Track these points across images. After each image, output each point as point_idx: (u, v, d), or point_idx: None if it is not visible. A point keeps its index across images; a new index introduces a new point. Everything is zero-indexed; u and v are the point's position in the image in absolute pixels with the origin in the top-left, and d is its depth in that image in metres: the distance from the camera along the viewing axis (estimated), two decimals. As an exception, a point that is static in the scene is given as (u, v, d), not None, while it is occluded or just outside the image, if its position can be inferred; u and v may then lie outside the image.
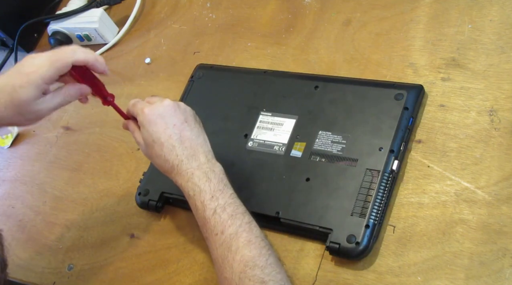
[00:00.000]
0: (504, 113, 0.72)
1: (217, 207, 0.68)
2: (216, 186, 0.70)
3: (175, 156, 0.71)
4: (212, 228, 0.68)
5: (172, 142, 0.72)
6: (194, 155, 0.72)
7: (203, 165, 0.71)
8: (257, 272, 0.64)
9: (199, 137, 0.73)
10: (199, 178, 0.70)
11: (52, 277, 0.87)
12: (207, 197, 0.69)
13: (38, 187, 0.98)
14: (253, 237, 0.66)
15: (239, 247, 0.65)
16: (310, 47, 0.90)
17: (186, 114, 0.74)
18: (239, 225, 0.67)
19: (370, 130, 0.75)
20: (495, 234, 0.66)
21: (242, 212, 0.69)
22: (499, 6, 0.80)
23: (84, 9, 1.08)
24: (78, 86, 0.73)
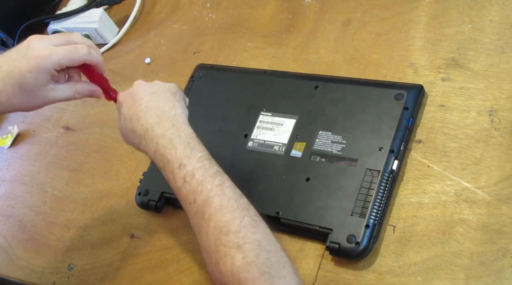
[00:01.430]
0: (504, 113, 0.72)
1: (186, 175, 0.66)
2: (182, 152, 0.67)
3: (141, 125, 0.70)
4: (185, 198, 0.66)
5: (137, 113, 0.71)
6: (159, 122, 0.70)
7: (167, 131, 0.69)
8: (232, 237, 0.62)
9: (167, 103, 0.72)
10: (164, 147, 0.68)
11: (52, 277, 0.87)
12: (175, 167, 0.67)
13: (38, 187, 0.98)
14: (225, 200, 0.64)
15: (212, 214, 0.63)
16: (310, 47, 0.90)
17: (156, 87, 0.74)
18: (209, 189, 0.65)
19: (370, 130, 0.75)
20: (495, 234, 0.66)
21: (212, 175, 0.66)
22: (499, 6, 0.80)
23: (84, 9, 1.08)
24: (92, 88, 0.74)
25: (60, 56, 0.68)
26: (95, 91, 0.74)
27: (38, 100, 0.70)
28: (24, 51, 0.68)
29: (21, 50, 0.69)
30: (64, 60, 0.69)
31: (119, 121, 0.74)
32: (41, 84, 0.68)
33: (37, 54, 0.67)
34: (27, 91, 0.68)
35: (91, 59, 0.71)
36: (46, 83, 0.69)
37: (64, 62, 0.69)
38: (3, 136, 1.06)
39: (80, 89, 0.73)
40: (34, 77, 0.67)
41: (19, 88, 0.68)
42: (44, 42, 0.69)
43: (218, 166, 0.68)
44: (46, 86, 0.69)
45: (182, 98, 0.75)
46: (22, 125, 1.07)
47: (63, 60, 0.68)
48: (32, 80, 0.67)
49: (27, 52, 0.68)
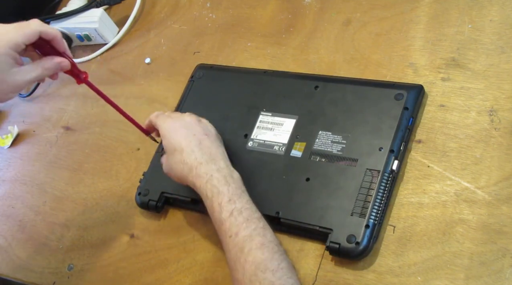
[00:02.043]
0: (504, 113, 0.72)
1: (234, 210, 0.68)
2: (234, 190, 0.70)
3: (194, 159, 0.73)
4: (227, 230, 0.68)
5: (192, 146, 0.74)
6: (213, 160, 0.73)
7: (223, 169, 0.72)
8: (268, 275, 0.63)
9: (218, 148, 0.75)
10: (218, 180, 0.71)
11: (52, 277, 0.87)
12: (225, 199, 0.69)
13: (38, 187, 0.98)
14: (266, 241, 0.66)
15: (252, 249, 0.65)
16: (310, 47, 0.90)
17: (208, 129, 0.78)
18: (253, 228, 0.67)
19: (370, 130, 0.75)
20: (495, 234, 0.66)
21: (258, 217, 0.69)
22: (499, 6, 0.80)
23: (84, 9, 1.08)
24: (58, 60, 0.71)
25: (12, 33, 0.67)
26: (62, 63, 0.71)
27: (5, 86, 0.68)
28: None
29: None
30: (17, 37, 0.67)
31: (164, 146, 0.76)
32: (3, 68, 0.67)
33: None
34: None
35: (46, 30, 0.68)
36: (9, 66, 0.67)
37: (18, 38, 0.67)
38: (3, 136, 1.06)
39: (47, 64, 0.71)
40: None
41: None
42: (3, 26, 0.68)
43: (260, 213, 0.70)
44: (9, 70, 0.67)
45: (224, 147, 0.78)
46: (22, 125, 1.07)
47: (17, 36, 0.67)
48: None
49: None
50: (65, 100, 1.06)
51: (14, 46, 0.67)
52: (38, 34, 0.68)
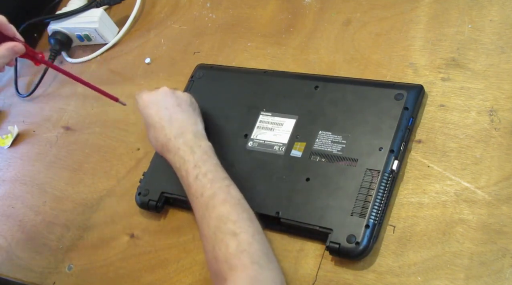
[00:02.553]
0: (504, 113, 0.72)
1: (199, 173, 0.72)
2: (199, 157, 0.74)
3: (164, 136, 0.77)
4: (194, 192, 0.72)
5: (162, 123, 0.77)
6: (182, 134, 0.76)
7: (189, 141, 0.75)
8: (229, 225, 0.67)
9: (190, 118, 0.78)
10: (184, 151, 0.74)
11: (52, 277, 0.87)
12: (190, 166, 0.73)
13: (38, 187, 0.98)
14: (229, 197, 0.70)
15: (215, 205, 0.69)
16: (310, 47, 0.90)
17: (180, 99, 0.80)
18: (218, 187, 0.71)
19: (370, 130, 0.75)
20: (495, 234, 0.66)
21: (222, 178, 0.72)
22: (499, 6, 0.80)
23: (84, 9, 1.08)
24: (10, 44, 0.70)
25: None
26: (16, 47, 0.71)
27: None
28: None
29: None
30: None
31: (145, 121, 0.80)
32: None
33: None
34: None
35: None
36: None
37: None
38: (3, 136, 1.06)
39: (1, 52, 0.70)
40: None
41: None
42: None
43: (227, 174, 0.73)
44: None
45: (199, 113, 0.82)
46: (22, 125, 1.07)
47: None
48: None
49: None
50: (65, 100, 1.06)
51: None
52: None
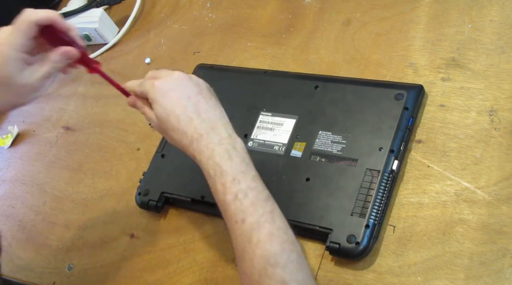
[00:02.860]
0: (504, 113, 0.72)
1: (238, 191, 0.63)
2: (238, 166, 0.64)
3: (194, 129, 0.66)
4: (232, 215, 0.63)
5: (188, 113, 0.67)
6: (214, 128, 0.66)
7: (224, 140, 0.66)
8: (278, 271, 0.59)
9: (216, 109, 0.69)
10: (221, 156, 0.64)
11: (52, 277, 0.87)
12: (228, 179, 0.63)
13: (38, 187, 0.98)
14: (275, 229, 0.62)
15: (260, 241, 0.61)
16: (310, 47, 0.90)
17: (199, 86, 0.70)
18: (261, 214, 0.62)
19: (370, 130, 0.75)
20: (495, 234, 0.66)
21: (264, 198, 0.64)
22: (499, 6, 0.80)
23: (84, 9, 1.08)
24: (63, 49, 0.67)
25: (11, 35, 0.64)
26: (69, 51, 0.67)
27: (21, 90, 0.65)
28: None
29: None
30: (17, 36, 0.64)
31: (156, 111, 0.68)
32: (13, 73, 0.64)
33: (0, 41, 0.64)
34: (5, 84, 0.64)
35: (40, 17, 0.65)
36: (19, 69, 0.64)
37: (18, 38, 0.64)
38: (3, 136, 1.06)
39: (53, 57, 0.66)
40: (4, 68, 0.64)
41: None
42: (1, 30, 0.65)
43: (267, 191, 0.65)
44: (20, 73, 0.64)
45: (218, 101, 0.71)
46: (22, 125, 1.07)
47: (17, 37, 0.64)
48: (3, 71, 0.64)
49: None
50: (65, 100, 1.06)
51: (19, 47, 0.64)
52: (34, 24, 0.64)
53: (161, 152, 0.87)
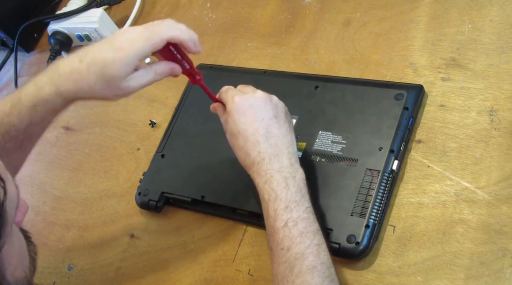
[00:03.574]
0: (504, 113, 0.72)
1: (289, 220, 0.64)
2: (293, 195, 0.66)
3: (258, 153, 0.68)
4: (279, 241, 0.64)
5: (257, 137, 0.68)
6: (277, 156, 0.68)
7: (285, 169, 0.67)
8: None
9: (286, 136, 0.70)
10: (278, 183, 0.66)
11: (52, 277, 0.87)
12: (281, 206, 0.65)
13: (38, 187, 0.98)
14: (318, 263, 0.62)
15: (302, 271, 0.61)
16: (310, 47, 0.90)
17: (277, 109, 0.71)
18: (307, 245, 0.63)
19: (370, 130, 0.75)
20: (495, 234, 0.66)
21: (313, 231, 0.65)
22: (499, 6, 0.80)
23: (84, 9, 1.08)
24: (170, 65, 0.69)
25: (141, 43, 0.65)
26: (174, 69, 0.69)
27: (119, 90, 0.66)
28: (111, 40, 0.66)
29: (109, 39, 0.67)
30: (146, 47, 0.65)
31: (229, 124, 0.71)
32: (122, 75, 0.65)
33: (123, 45, 0.65)
34: (108, 81, 0.65)
35: (173, 36, 0.66)
36: (128, 74, 0.66)
37: (146, 49, 0.65)
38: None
39: (159, 69, 0.68)
40: (116, 68, 0.65)
41: (101, 78, 0.65)
42: (131, 32, 0.66)
43: (318, 224, 0.66)
44: (126, 78, 0.66)
45: (292, 127, 0.73)
46: (22, 125, 1.07)
47: (145, 47, 0.65)
48: (114, 71, 0.65)
49: (113, 42, 0.65)
50: (65, 100, 1.06)
51: (142, 56, 0.66)
52: (165, 41, 0.66)
53: (161, 152, 0.87)
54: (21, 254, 0.55)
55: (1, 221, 0.47)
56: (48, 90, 0.67)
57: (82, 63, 0.66)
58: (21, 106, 0.68)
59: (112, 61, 0.65)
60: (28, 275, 0.56)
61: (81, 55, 0.67)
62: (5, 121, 0.68)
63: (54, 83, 0.67)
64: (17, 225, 0.52)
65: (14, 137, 0.69)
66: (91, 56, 0.66)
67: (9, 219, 0.49)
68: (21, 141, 0.70)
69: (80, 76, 0.66)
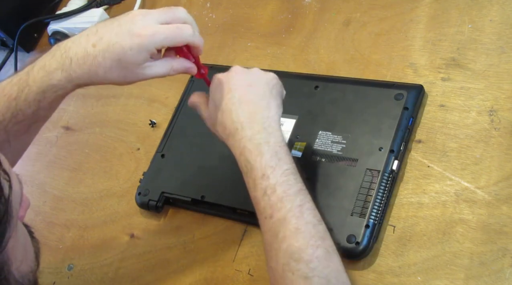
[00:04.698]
0: (504, 113, 0.72)
1: (267, 187, 0.62)
2: (268, 161, 0.63)
3: (231, 122, 0.67)
4: (262, 210, 0.63)
5: (229, 105, 0.67)
6: (250, 122, 0.66)
7: (257, 134, 0.65)
8: (302, 266, 0.58)
9: (262, 100, 0.68)
10: (251, 152, 0.64)
11: (52, 277, 0.87)
12: (258, 176, 0.63)
13: (38, 187, 0.98)
14: (302, 224, 0.61)
15: (286, 236, 0.60)
16: (310, 47, 0.90)
17: (254, 77, 0.70)
18: (288, 208, 0.61)
19: (370, 130, 0.75)
20: (495, 234, 0.66)
21: (294, 192, 0.62)
22: (499, 6, 0.80)
23: (84, 9, 1.08)
24: (188, 65, 0.69)
25: (164, 37, 0.65)
26: (191, 68, 0.70)
27: (133, 76, 0.67)
28: (128, 26, 0.65)
29: (124, 24, 0.65)
30: (167, 41, 0.65)
31: (209, 105, 0.70)
32: (140, 62, 0.65)
33: (141, 32, 0.64)
34: (125, 67, 0.65)
35: (194, 40, 0.67)
36: (145, 61, 0.66)
37: (167, 43, 0.66)
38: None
39: (176, 66, 0.68)
40: (135, 55, 0.64)
41: (118, 63, 0.65)
42: (148, 19, 0.66)
43: (302, 183, 0.64)
44: (143, 64, 0.66)
45: (279, 94, 0.70)
46: (22, 125, 1.07)
47: (166, 41, 0.65)
48: (132, 58, 0.64)
49: (131, 28, 0.65)
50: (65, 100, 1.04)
51: (160, 47, 0.66)
52: (186, 43, 0.67)
53: (161, 152, 0.87)
54: (26, 248, 0.55)
55: (7, 215, 0.48)
56: (59, 76, 0.66)
57: (96, 48, 0.65)
58: (29, 91, 0.67)
59: (129, 48, 0.64)
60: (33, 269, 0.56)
61: (94, 40, 0.66)
62: (12, 105, 0.67)
63: (65, 69, 0.66)
64: (19, 219, 0.53)
65: (21, 121, 0.68)
66: (107, 41, 0.65)
67: (14, 213, 0.49)
68: (28, 125, 0.69)
69: (95, 62, 0.65)
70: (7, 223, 0.48)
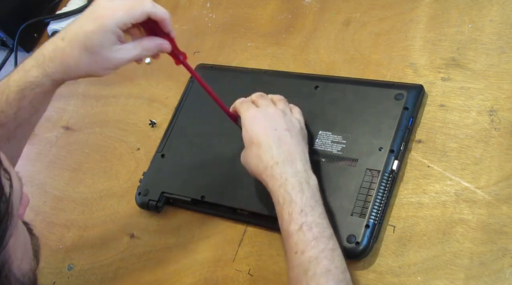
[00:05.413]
0: (504, 113, 0.72)
1: (303, 223, 0.64)
2: (308, 200, 0.65)
3: (271, 157, 0.68)
4: (293, 245, 0.64)
5: (269, 142, 0.69)
6: (291, 161, 0.68)
7: (299, 173, 0.67)
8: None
9: (298, 145, 0.70)
10: (293, 187, 0.66)
11: (52, 277, 0.87)
12: (296, 210, 0.65)
13: (38, 187, 0.98)
14: (333, 267, 0.62)
15: (316, 274, 0.61)
16: (310, 47, 0.90)
17: (291, 123, 0.72)
18: (321, 249, 0.63)
19: (370, 130, 0.75)
20: (495, 234, 0.66)
21: (328, 236, 0.64)
22: (499, 6, 0.80)
23: (84, 9, 1.08)
24: (159, 41, 0.69)
25: (122, 12, 0.65)
26: (163, 44, 0.70)
27: (105, 62, 0.67)
28: (90, 11, 0.67)
29: (88, 11, 0.67)
30: (126, 16, 0.65)
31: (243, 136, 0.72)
32: (106, 45, 0.65)
33: (101, 14, 0.65)
34: (93, 53, 0.66)
35: (155, 12, 0.67)
36: (112, 43, 0.66)
37: (126, 18, 0.65)
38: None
39: (147, 45, 0.69)
40: (99, 38, 0.65)
41: (85, 49, 0.65)
42: (111, 2, 0.66)
43: (332, 230, 0.66)
44: (111, 47, 0.66)
45: (306, 142, 0.74)
46: (22, 125, 1.07)
47: (125, 16, 0.65)
48: (97, 41, 0.65)
49: (92, 12, 0.66)
50: (65, 100, 1.06)
51: (121, 25, 0.65)
52: (146, 15, 0.66)
53: (161, 152, 0.87)
54: (26, 246, 0.55)
55: (7, 213, 0.48)
56: (35, 72, 0.68)
57: (64, 40, 0.67)
58: (9, 91, 0.68)
59: (92, 31, 0.65)
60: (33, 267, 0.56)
61: (63, 34, 0.68)
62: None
63: (39, 65, 0.68)
64: (19, 217, 0.53)
65: (4, 124, 0.69)
66: (73, 32, 0.66)
67: (15, 211, 0.49)
68: (13, 129, 0.70)
69: (64, 53, 0.66)
70: (8, 221, 0.48)
